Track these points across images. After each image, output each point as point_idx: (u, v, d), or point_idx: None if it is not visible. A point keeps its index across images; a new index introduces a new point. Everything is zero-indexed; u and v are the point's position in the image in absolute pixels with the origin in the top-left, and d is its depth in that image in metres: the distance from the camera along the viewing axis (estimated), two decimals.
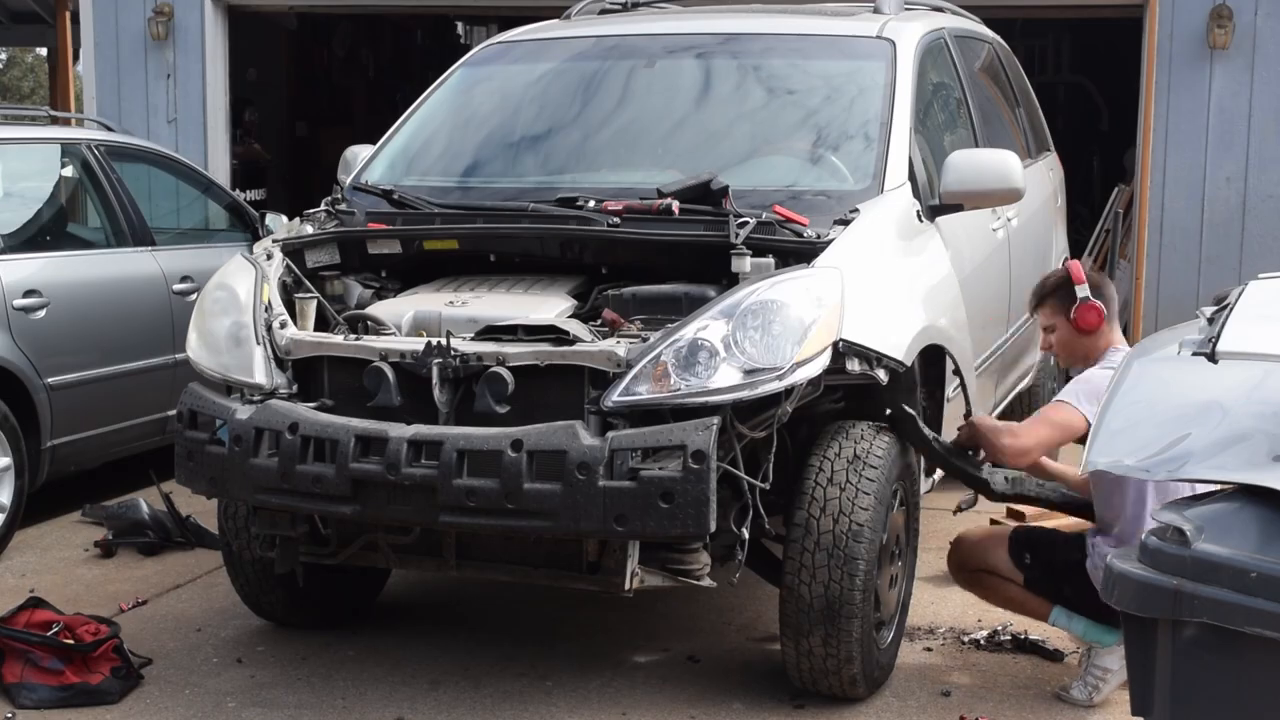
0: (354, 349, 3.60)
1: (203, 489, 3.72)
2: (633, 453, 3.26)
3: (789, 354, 3.36)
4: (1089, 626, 3.78)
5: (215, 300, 3.85)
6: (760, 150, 4.31)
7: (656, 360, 3.34)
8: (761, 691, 3.77)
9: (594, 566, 3.50)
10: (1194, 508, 2.45)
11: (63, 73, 13.67)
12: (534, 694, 3.78)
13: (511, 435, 3.30)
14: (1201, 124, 7.52)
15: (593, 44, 4.74)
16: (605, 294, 3.77)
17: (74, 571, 4.88)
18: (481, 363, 3.44)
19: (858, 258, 3.65)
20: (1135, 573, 2.34)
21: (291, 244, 3.99)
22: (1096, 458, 2.78)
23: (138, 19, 8.70)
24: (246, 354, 3.67)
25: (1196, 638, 2.28)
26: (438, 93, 4.80)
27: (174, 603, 4.56)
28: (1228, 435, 2.59)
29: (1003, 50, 6.02)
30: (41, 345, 5.21)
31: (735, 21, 4.86)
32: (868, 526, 3.51)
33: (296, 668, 3.97)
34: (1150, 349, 3.40)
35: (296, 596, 4.12)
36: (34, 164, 5.81)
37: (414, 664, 3.99)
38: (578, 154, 4.41)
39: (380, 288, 4.02)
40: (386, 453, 3.35)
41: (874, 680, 3.71)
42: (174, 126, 8.66)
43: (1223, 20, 7.38)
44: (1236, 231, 7.48)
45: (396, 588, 4.58)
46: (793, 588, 3.54)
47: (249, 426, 3.52)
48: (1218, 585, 2.25)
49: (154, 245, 5.90)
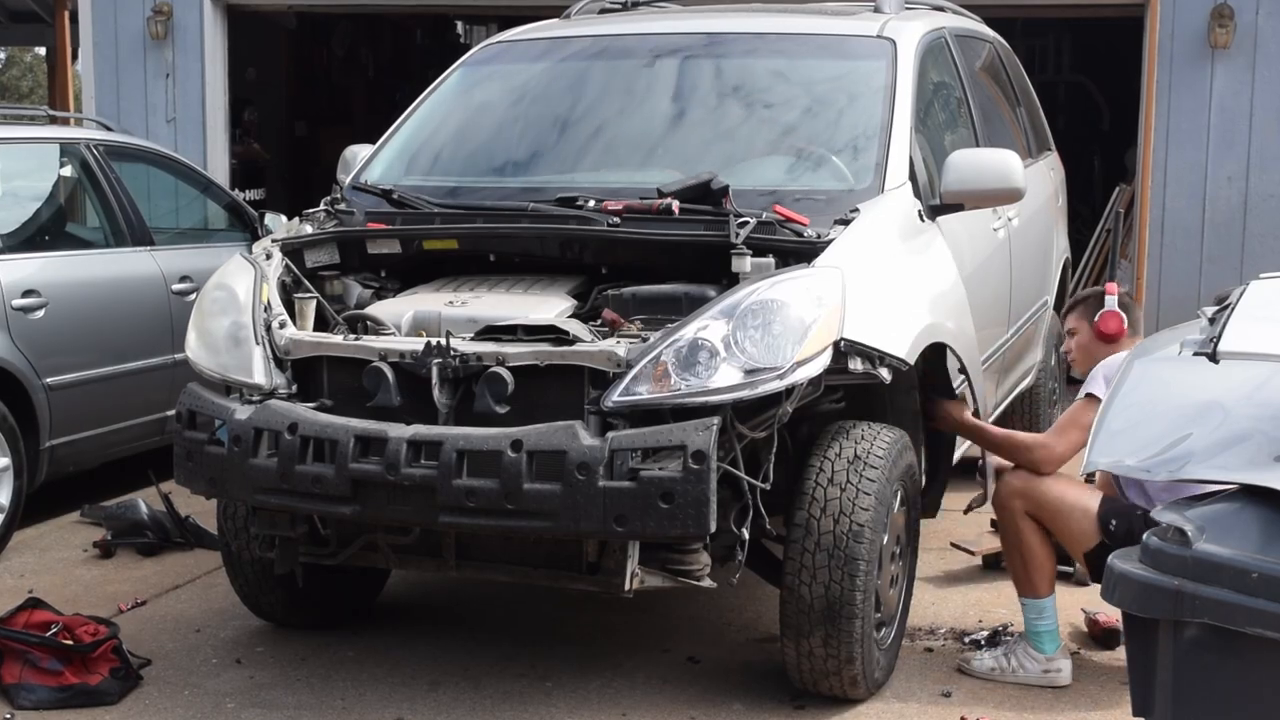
0: (353, 349, 3.59)
1: (202, 489, 3.72)
2: (633, 453, 3.26)
3: (789, 354, 3.35)
4: (1049, 634, 3.83)
5: (214, 300, 3.85)
6: (760, 150, 4.30)
7: (656, 360, 3.33)
8: (762, 692, 3.77)
9: (594, 567, 3.50)
10: (1195, 508, 2.44)
11: (61, 72, 13.67)
12: (533, 695, 3.78)
13: (511, 435, 3.29)
14: (1203, 123, 7.51)
15: (592, 43, 4.74)
16: (605, 294, 3.76)
17: (73, 572, 4.87)
18: (481, 363, 3.44)
19: (858, 257, 3.64)
20: (1136, 573, 2.34)
21: (291, 244, 3.98)
22: (1097, 458, 2.78)
23: (137, 18, 8.68)
24: (245, 354, 3.67)
25: (1198, 638, 2.28)
26: (437, 92, 4.80)
27: (173, 603, 4.56)
28: (1229, 435, 2.60)
29: (1003, 49, 6.01)
30: (40, 345, 5.20)
31: (735, 21, 4.85)
32: (868, 527, 3.50)
33: (296, 668, 3.97)
34: (1151, 349, 3.40)
35: (296, 597, 4.11)
36: (32, 164, 5.80)
37: (413, 665, 3.99)
38: (578, 153, 4.40)
39: (380, 288, 4.01)
40: (386, 453, 3.35)
41: (874, 681, 3.70)
42: (173, 126, 8.65)
43: (1224, 19, 7.37)
44: (1238, 231, 7.47)
45: (396, 588, 4.57)
46: (793, 588, 3.53)
47: (248, 427, 3.51)
48: (1219, 586, 2.25)
49: (153, 245, 5.89)
